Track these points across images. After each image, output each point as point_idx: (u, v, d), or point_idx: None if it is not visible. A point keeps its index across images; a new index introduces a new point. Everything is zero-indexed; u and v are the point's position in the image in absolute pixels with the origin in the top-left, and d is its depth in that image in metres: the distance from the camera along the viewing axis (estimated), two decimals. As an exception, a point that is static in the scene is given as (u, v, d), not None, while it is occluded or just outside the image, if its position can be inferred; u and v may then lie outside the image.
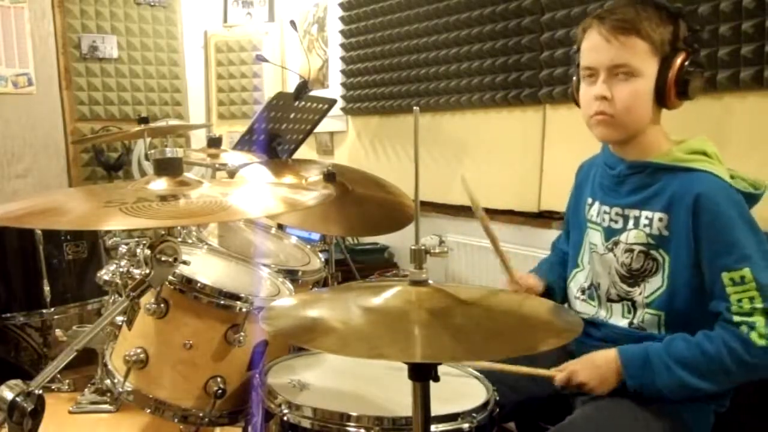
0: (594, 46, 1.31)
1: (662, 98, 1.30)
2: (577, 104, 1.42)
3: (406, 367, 0.87)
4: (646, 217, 1.33)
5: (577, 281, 1.52)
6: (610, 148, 1.43)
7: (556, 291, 1.59)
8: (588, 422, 1.30)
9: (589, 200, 1.49)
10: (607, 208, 1.42)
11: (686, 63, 1.28)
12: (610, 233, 1.41)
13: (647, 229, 1.33)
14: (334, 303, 1.04)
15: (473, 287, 1.01)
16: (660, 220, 1.31)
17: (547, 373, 1.36)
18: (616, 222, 1.40)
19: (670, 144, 1.35)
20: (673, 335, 1.29)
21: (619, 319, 1.40)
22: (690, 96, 1.30)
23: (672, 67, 1.27)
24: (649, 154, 1.34)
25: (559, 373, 1.33)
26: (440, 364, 0.87)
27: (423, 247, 0.95)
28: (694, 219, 1.25)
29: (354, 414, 1.09)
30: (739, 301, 1.21)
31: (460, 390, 1.23)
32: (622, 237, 1.37)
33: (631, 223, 1.36)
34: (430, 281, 0.96)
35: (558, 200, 2.39)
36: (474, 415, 1.12)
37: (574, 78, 1.42)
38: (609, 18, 1.28)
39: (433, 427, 1.03)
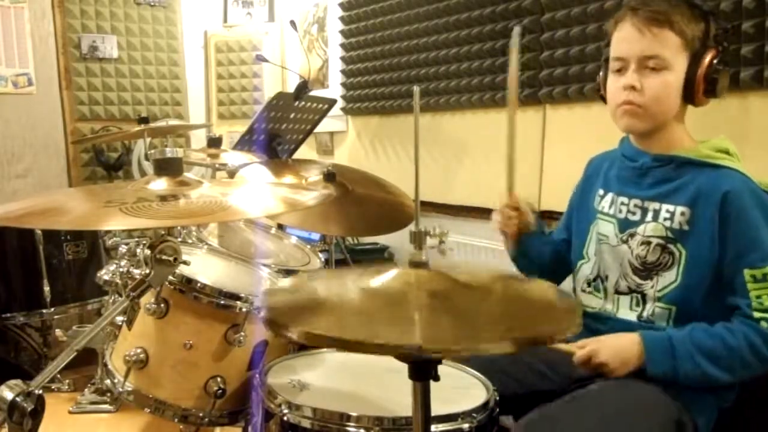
0: (626, 37, 1.32)
1: (690, 94, 1.31)
2: (603, 99, 1.43)
3: (406, 367, 0.87)
4: (667, 211, 1.33)
5: (582, 273, 1.52)
6: (632, 141, 1.43)
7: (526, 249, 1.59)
8: (591, 419, 1.28)
9: (601, 191, 1.49)
10: (624, 200, 1.42)
11: (715, 61, 1.29)
12: (625, 225, 1.41)
13: (667, 223, 1.33)
14: (333, 285, 1.03)
15: (474, 270, 1.00)
16: (682, 214, 1.31)
17: (567, 348, 1.34)
18: (633, 214, 1.40)
19: (693, 141, 1.36)
20: (693, 325, 1.29)
21: (626, 312, 1.40)
22: (717, 94, 1.31)
23: (702, 63, 1.29)
24: (673, 149, 1.35)
25: (579, 350, 1.32)
26: (440, 363, 0.87)
27: (423, 229, 0.94)
28: (721, 216, 1.27)
29: (354, 414, 1.09)
30: (759, 297, 1.23)
31: (460, 390, 1.23)
32: (639, 229, 1.37)
33: (650, 215, 1.36)
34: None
35: (558, 200, 2.39)
36: (474, 415, 1.12)
37: (601, 72, 1.43)
38: (643, 9, 1.30)
39: (433, 427, 1.03)
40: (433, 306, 0.88)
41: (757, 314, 1.23)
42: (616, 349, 1.30)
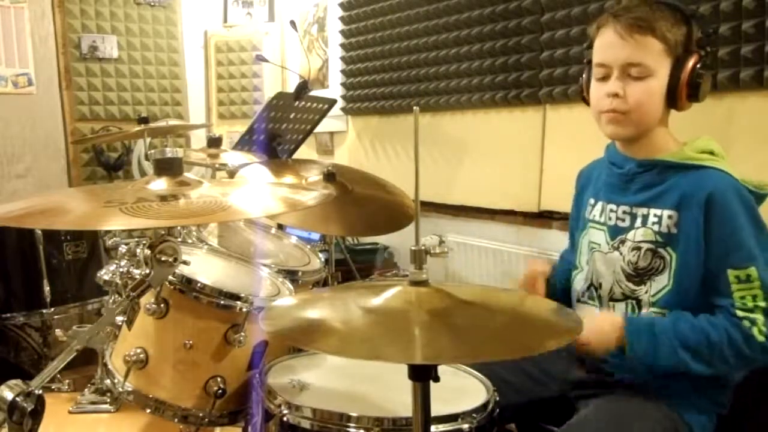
0: (609, 44, 1.32)
1: (673, 99, 1.31)
2: (586, 101, 1.43)
3: (406, 367, 0.87)
4: (655, 215, 1.33)
5: (577, 283, 1.52)
6: (618, 147, 1.43)
7: (556, 289, 1.59)
8: (589, 425, 1.30)
9: (592, 200, 1.49)
10: (613, 207, 1.42)
11: (698, 65, 1.28)
12: (615, 232, 1.41)
13: (656, 227, 1.33)
14: (334, 303, 1.04)
15: (473, 287, 1.01)
16: (669, 217, 1.31)
17: None
18: (623, 220, 1.40)
19: (677, 144, 1.36)
20: (677, 315, 1.29)
21: None
22: (700, 98, 1.31)
23: (684, 68, 1.28)
24: (657, 153, 1.35)
25: None
26: (440, 364, 0.87)
27: (423, 247, 0.95)
28: (706, 217, 1.26)
29: (354, 414, 1.09)
30: (743, 298, 1.23)
31: (460, 390, 1.23)
32: (629, 235, 1.37)
33: (639, 221, 1.36)
34: (430, 281, 0.96)
35: (558, 200, 2.39)
36: (474, 415, 1.12)
37: (584, 75, 1.43)
38: (625, 16, 1.29)
39: (433, 428, 1.03)
40: (432, 324, 0.88)
41: (740, 313, 1.23)
42: (598, 329, 1.30)
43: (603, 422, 1.29)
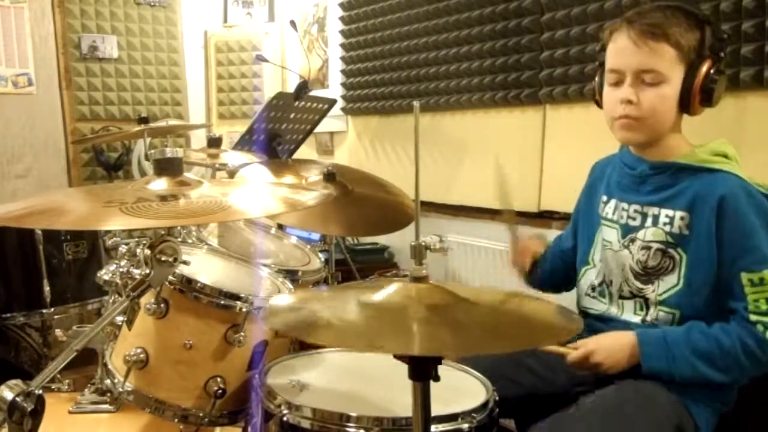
0: (622, 50, 1.32)
1: (686, 105, 1.31)
2: (599, 105, 1.43)
3: (406, 367, 0.87)
4: (667, 216, 1.34)
5: (587, 278, 1.52)
6: (630, 149, 1.44)
7: (540, 270, 1.62)
8: (593, 412, 1.28)
9: (605, 198, 1.49)
10: (625, 206, 1.42)
11: (711, 71, 1.28)
12: (626, 230, 1.41)
13: (667, 227, 1.33)
14: (334, 299, 1.04)
15: (473, 287, 1.01)
16: (681, 218, 1.31)
17: (561, 350, 1.34)
18: (634, 219, 1.40)
19: (690, 147, 1.36)
20: (690, 324, 1.30)
21: (631, 315, 1.40)
22: (713, 104, 1.31)
23: (698, 74, 1.28)
24: (670, 156, 1.36)
25: (573, 351, 1.33)
26: (440, 363, 0.87)
27: (423, 243, 0.95)
28: (718, 220, 1.27)
29: (354, 414, 1.09)
30: (756, 301, 1.24)
31: (460, 390, 1.23)
32: (640, 234, 1.38)
33: (649, 220, 1.37)
34: (430, 279, 0.96)
35: (558, 200, 2.39)
36: (474, 415, 1.12)
37: (597, 78, 1.43)
38: (639, 22, 1.29)
39: (433, 427, 1.03)
40: (431, 318, 0.88)
41: (753, 317, 1.24)
42: (611, 349, 1.31)
43: (607, 409, 1.27)
